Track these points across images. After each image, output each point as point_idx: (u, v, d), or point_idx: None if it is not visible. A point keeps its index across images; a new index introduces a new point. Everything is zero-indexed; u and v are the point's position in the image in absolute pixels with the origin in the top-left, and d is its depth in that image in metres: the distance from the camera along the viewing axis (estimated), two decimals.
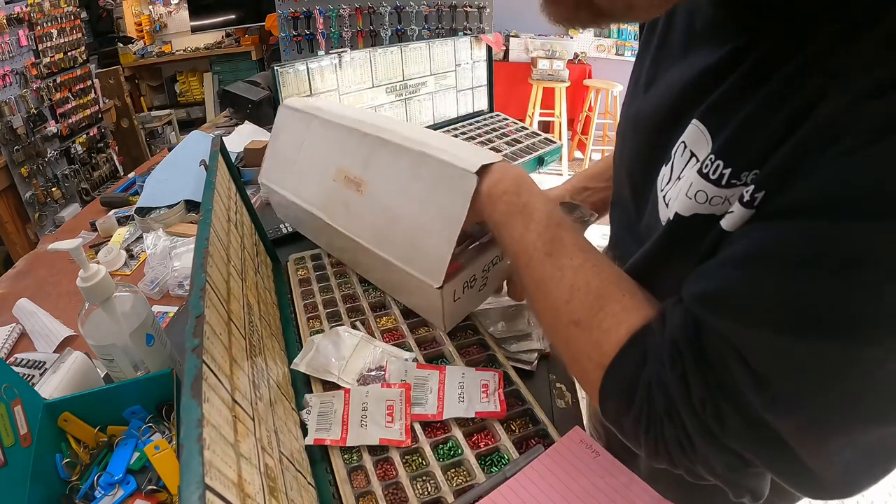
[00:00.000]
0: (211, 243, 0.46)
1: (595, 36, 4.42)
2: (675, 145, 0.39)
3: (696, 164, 0.36)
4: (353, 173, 0.69)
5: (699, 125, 0.36)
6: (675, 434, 0.35)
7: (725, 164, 0.32)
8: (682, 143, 0.38)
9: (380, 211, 0.66)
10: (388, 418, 0.55)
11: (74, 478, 0.51)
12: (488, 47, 1.60)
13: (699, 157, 0.36)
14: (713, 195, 0.34)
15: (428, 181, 0.60)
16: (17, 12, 2.50)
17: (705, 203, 0.34)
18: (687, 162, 0.37)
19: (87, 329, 0.56)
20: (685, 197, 0.35)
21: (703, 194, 0.34)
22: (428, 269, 0.59)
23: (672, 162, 0.40)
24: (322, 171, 0.74)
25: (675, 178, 0.39)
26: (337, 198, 0.71)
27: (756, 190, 0.30)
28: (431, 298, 0.61)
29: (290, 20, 2.35)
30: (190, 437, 0.28)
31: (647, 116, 0.44)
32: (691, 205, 0.35)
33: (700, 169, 0.34)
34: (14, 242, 2.52)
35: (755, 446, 0.32)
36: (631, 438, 0.39)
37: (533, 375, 0.65)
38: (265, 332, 0.59)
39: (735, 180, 0.32)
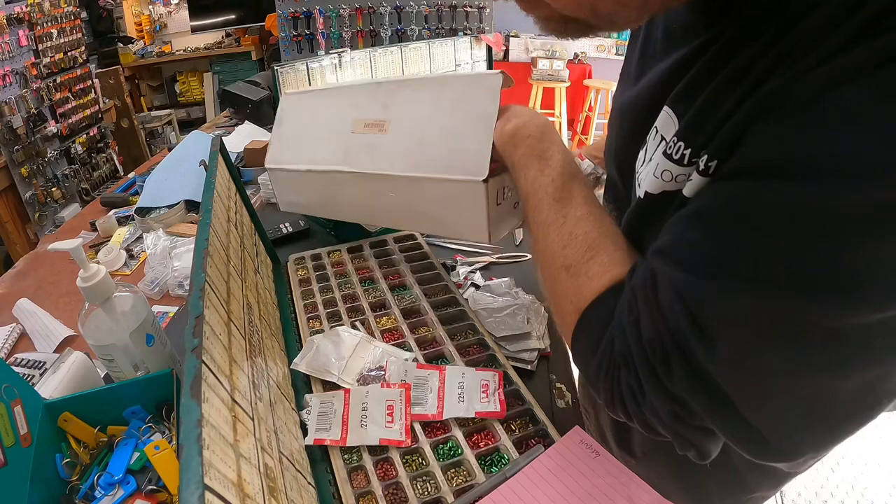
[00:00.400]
0: (211, 243, 0.46)
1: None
2: (649, 131, 0.43)
3: (663, 143, 0.39)
4: (373, 118, 0.70)
5: (668, 110, 0.39)
6: (629, 380, 0.37)
7: (686, 144, 0.36)
8: (655, 127, 0.41)
9: (409, 137, 0.66)
10: (388, 418, 0.55)
11: (74, 478, 0.51)
12: (488, 47, 1.60)
13: (666, 137, 0.39)
14: (678, 174, 0.37)
15: (454, 95, 0.62)
16: (17, 12, 2.50)
17: (671, 181, 0.38)
18: (658, 144, 0.40)
19: (87, 329, 0.56)
20: (653, 177, 0.39)
21: (669, 173, 0.38)
22: (469, 167, 0.59)
23: (647, 146, 0.43)
24: (338, 129, 0.75)
25: (648, 160, 0.42)
26: (359, 145, 0.71)
27: (709, 160, 0.34)
28: (475, 202, 0.60)
29: (290, 20, 2.35)
30: (190, 437, 0.28)
31: (631, 106, 0.48)
32: (658, 184, 0.39)
33: (665, 150, 0.38)
34: (14, 242, 2.52)
35: (699, 396, 0.34)
36: (593, 383, 0.41)
37: (533, 375, 0.65)
38: (265, 333, 0.59)
39: (695, 158, 0.35)
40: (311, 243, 0.88)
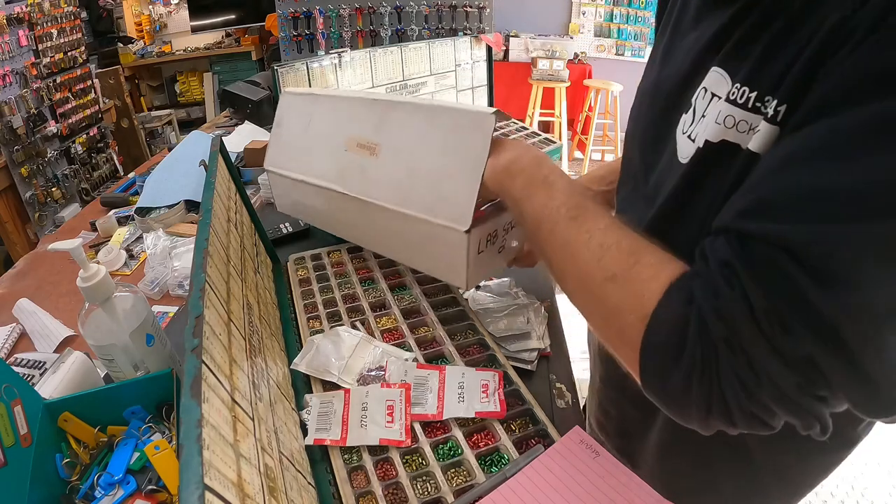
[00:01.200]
0: (211, 243, 0.46)
1: (595, 36, 4.42)
2: (694, 94, 0.43)
3: (719, 100, 0.39)
4: (366, 139, 0.70)
5: (719, 70, 0.39)
6: (736, 368, 0.33)
7: (751, 89, 0.36)
8: (703, 88, 0.41)
9: (398, 168, 0.66)
10: (388, 418, 0.55)
11: (74, 478, 0.51)
12: (488, 47, 1.60)
13: (720, 95, 0.39)
14: (740, 119, 0.36)
15: (445, 130, 0.61)
16: (17, 12, 2.50)
17: (733, 128, 0.37)
18: (709, 102, 0.40)
19: (87, 329, 0.56)
20: (714, 123, 0.38)
21: (731, 119, 0.36)
22: (453, 215, 0.59)
23: (693, 108, 0.42)
24: (333, 143, 0.74)
25: (700, 118, 0.41)
26: (351, 166, 0.71)
27: (778, 104, 0.33)
28: (455, 249, 0.61)
29: (290, 20, 2.35)
30: (190, 437, 0.28)
31: (666, 80, 0.47)
32: (720, 130, 0.37)
33: (727, 97, 0.37)
34: (14, 242, 2.52)
35: (825, 355, 0.31)
36: (678, 397, 0.36)
37: (533, 375, 0.65)
38: (265, 333, 0.59)
39: (759, 103, 0.35)
40: (311, 243, 0.88)
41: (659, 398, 0.38)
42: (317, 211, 0.83)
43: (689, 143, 0.42)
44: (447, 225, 0.59)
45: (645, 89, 0.53)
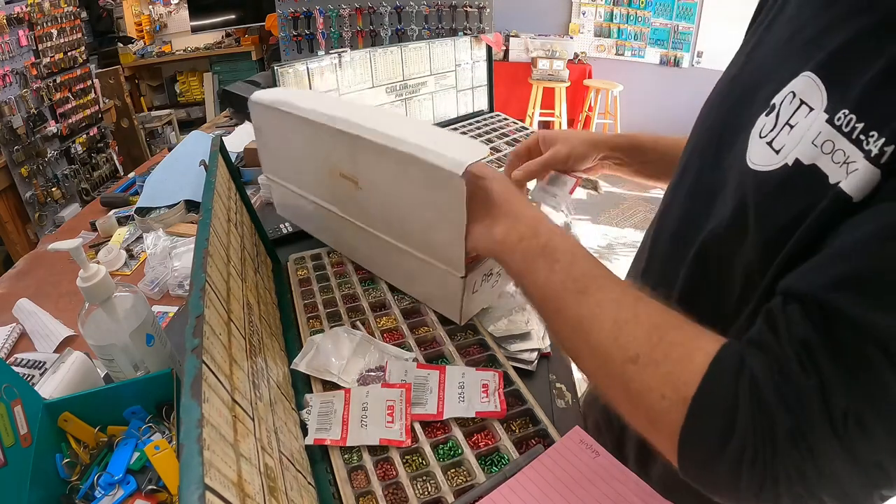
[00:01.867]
0: (211, 243, 0.46)
1: (595, 36, 4.42)
2: (775, 96, 0.38)
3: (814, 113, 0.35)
4: (345, 170, 0.67)
5: (812, 76, 0.35)
6: (797, 462, 0.29)
7: (859, 118, 0.31)
8: (791, 92, 0.36)
9: (384, 206, 0.66)
10: (388, 418, 0.55)
11: (74, 478, 0.51)
12: (488, 47, 1.60)
13: (812, 105, 0.35)
14: (839, 147, 0.32)
15: (418, 182, 0.58)
16: (17, 12, 2.50)
17: (829, 154, 0.32)
18: (796, 110, 0.36)
19: (87, 329, 0.56)
20: (811, 144, 0.33)
21: (831, 144, 0.32)
22: (447, 260, 0.60)
23: (777, 112, 0.37)
24: (315, 166, 0.72)
25: (785, 125, 0.36)
26: (341, 191, 0.70)
27: (885, 143, 0.28)
28: (451, 289, 0.62)
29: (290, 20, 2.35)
30: (190, 437, 0.28)
31: (746, 75, 0.44)
32: (815, 153, 0.33)
33: (834, 121, 0.33)
34: (14, 242, 2.53)
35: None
36: (723, 485, 0.33)
37: (533, 375, 0.65)
38: (265, 332, 0.59)
39: (863, 136, 0.30)
40: (311, 243, 0.88)
41: (700, 484, 0.34)
42: (314, 222, 0.84)
43: (770, 152, 0.37)
44: (444, 268, 0.61)
45: (722, 84, 0.48)
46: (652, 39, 4.32)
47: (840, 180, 0.31)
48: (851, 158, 0.30)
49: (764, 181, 0.36)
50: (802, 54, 0.37)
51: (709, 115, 0.48)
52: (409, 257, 0.65)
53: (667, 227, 0.52)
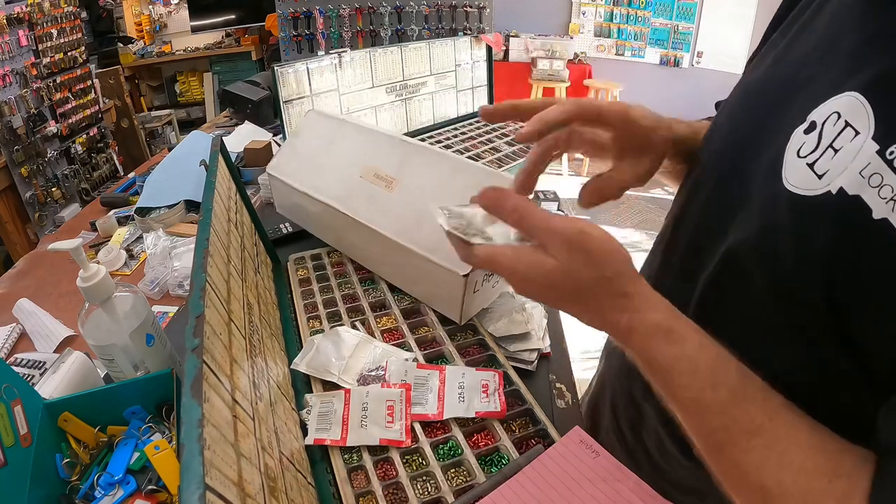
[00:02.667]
0: (211, 243, 0.46)
1: (595, 36, 4.42)
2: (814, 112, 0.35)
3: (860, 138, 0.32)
4: (385, 172, 0.73)
5: (859, 97, 0.33)
6: None
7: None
8: (836, 112, 0.34)
9: (409, 206, 0.69)
10: (388, 418, 0.55)
11: (74, 478, 0.51)
12: (488, 47, 1.60)
13: (859, 129, 0.32)
14: (887, 183, 0.30)
15: (464, 184, 0.65)
16: (17, 12, 2.50)
17: (876, 188, 0.31)
18: (840, 131, 0.33)
19: (87, 329, 0.56)
20: (858, 175, 0.31)
21: (879, 177, 0.31)
22: (454, 259, 0.58)
23: (819, 132, 0.35)
24: (349, 168, 0.78)
25: (828, 148, 0.34)
26: (361, 192, 0.74)
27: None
28: (452, 288, 0.63)
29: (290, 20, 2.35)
30: (190, 437, 0.28)
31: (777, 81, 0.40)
32: (861, 183, 0.31)
33: (883, 152, 0.31)
34: (14, 242, 2.52)
35: None
36: None
37: (533, 375, 0.65)
38: (265, 332, 0.59)
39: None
40: (311, 243, 0.88)
41: None
42: (316, 221, 0.85)
43: (812, 175, 0.34)
44: (447, 267, 0.62)
45: (749, 86, 0.44)
46: (652, 39, 4.32)
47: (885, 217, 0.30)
48: None
49: (803, 205, 0.34)
50: (844, 68, 0.34)
51: (732, 120, 0.44)
52: (412, 256, 0.66)
53: (681, 238, 0.48)
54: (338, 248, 0.85)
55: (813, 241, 0.33)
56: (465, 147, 1.39)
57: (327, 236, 0.86)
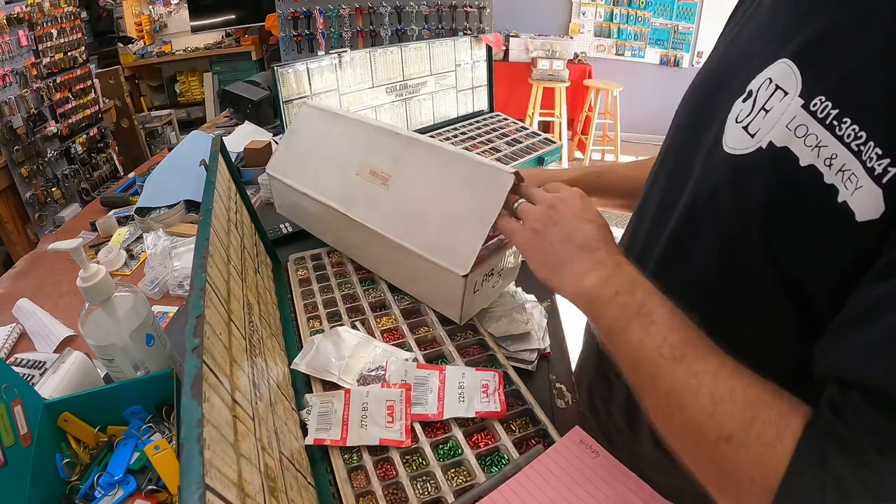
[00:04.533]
0: (211, 243, 0.46)
1: (595, 36, 4.42)
2: (751, 82, 0.39)
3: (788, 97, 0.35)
4: (381, 169, 0.71)
5: (789, 63, 0.36)
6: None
7: (833, 105, 0.32)
8: (768, 78, 0.37)
9: (407, 204, 0.68)
10: (388, 418, 0.55)
11: (74, 478, 0.51)
12: (488, 47, 1.60)
13: (787, 90, 0.36)
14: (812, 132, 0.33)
15: (462, 179, 0.63)
16: (17, 12, 2.50)
17: (801, 138, 0.34)
18: (772, 94, 0.37)
19: (87, 329, 0.56)
20: (785, 128, 0.35)
21: (804, 128, 0.34)
22: (454, 258, 0.61)
23: (753, 97, 0.38)
24: (344, 165, 0.76)
25: (760, 110, 0.37)
26: (358, 191, 0.73)
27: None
28: (452, 288, 0.63)
29: (290, 20, 2.35)
30: (190, 437, 0.28)
31: (724, 64, 0.44)
32: (788, 136, 0.34)
33: (807, 105, 0.34)
34: (14, 242, 2.52)
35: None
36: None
37: (533, 375, 0.65)
38: (265, 332, 0.59)
39: (835, 122, 0.32)
40: (311, 243, 0.88)
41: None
42: (315, 221, 0.85)
43: (746, 135, 0.38)
44: (446, 267, 0.62)
45: (701, 74, 0.49)
46: (652, 39, 4.32)
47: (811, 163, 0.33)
48: (823, 143, 0.32)
49: (738, 164, 0.38)
50: (779, 42, 0.38)
51: (688, 102, 0.49)
52: (412, 256, 0.65)
53: (646, 214, 0.53)
54: (338, 248, 0.85)
55: (749, 194, 0.36)
56: (465, 147, 1.39)
57: (327, 236, 0.86)
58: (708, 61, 0.49)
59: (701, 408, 0.36)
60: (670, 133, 0.52)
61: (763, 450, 0.33)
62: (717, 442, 0.35)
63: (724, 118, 0.41)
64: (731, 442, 0.34)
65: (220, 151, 0.66)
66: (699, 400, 0.36)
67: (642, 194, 0.57)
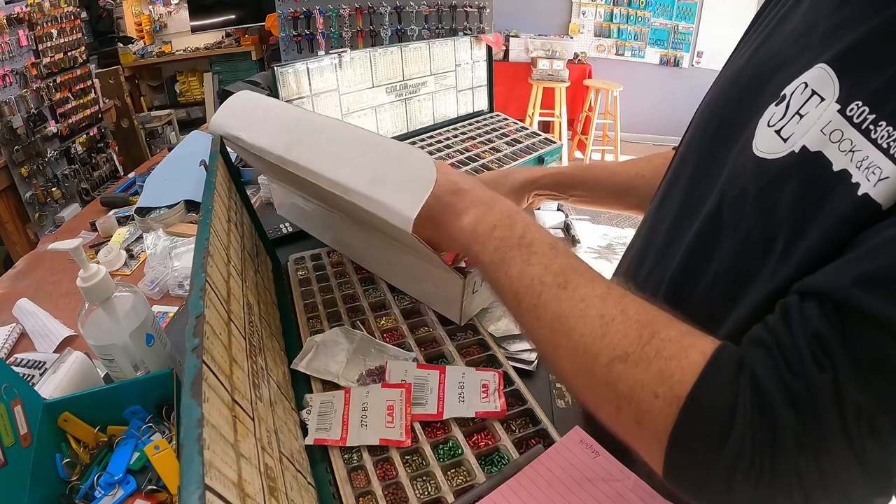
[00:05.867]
0: (211, 243, 0.46)
1: (595, 36, 4.42)
2: (786, 87, 0.37)
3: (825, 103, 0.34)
4: (322, 203, 0.69)
5: (826, 68, 0.35)
6: (799, 467, 0.27)
7: (871, 110, 0.31)
8: (804, 83, 0.36)
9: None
10: (388, 418, 0.55)
11: (74, 478, 0.51)
12: (488, 47, 1.60)
13: (824, 96, 0.34)
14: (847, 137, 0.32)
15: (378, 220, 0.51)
16: (17, 12, 2.50)
17: (836, 143, 0.32)
18: (808, 99, 0.35)
19: (87, 329, 0.56)
20: (819, 133, 0.33)
21: (839, 133, 0.32)
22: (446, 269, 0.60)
23: (787, 101, 0.37)
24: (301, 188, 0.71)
25: (794, 114, 0.36)
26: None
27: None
28: (451, 289, 0.62)
29: (290, 20, 2.35)
30: (190, 437, 0.28)
31: (756, 64, 0.43)
32: (822, 141, 0.33)
33: (843, 110, 0.32)
34: (14, 242, 2.52)
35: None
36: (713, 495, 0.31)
37: (533, 375, 0.65)
38: (265, 332, 0.59)
39: (872, 126, 0.30)
40: (311, 243, 0.88)
41: (688, 491, 0.32)
42: (315, 222, 0.85)
43: (778, 140, 0.36)
44: (444, 270, 0.61)
45: (727, 74, 0.46)
46: (652, 39, 4.32)
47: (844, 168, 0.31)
48: (857, 147, 0.30)
49: (767, 168, 0.36)
50: (816, 48, 0.36)
51: (710, 105, 0.47)
52: (410, 257, 0.65)
53: (664, 217, 0.51)
54: (337, 248, 0.85)
55: (778, 199, 0.34)
56: (465, 147, 1.39)
57: (326, 236, 0.86)
58: (731, 63, 0.47)
59: (590, 330, 0.35)
60: (690, 134, 0.50)
61: (665, 363, 0.32)
62: (610, 363, 0.33)
63: (755, 122, 0.39)
64: (626, 361, 0.33)
65: (220, 151, 0.66)
66: (587, 323, 0.35)
67: (657, 199, 0.54)
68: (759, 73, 0.41)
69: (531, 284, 0.39)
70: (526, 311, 0.39)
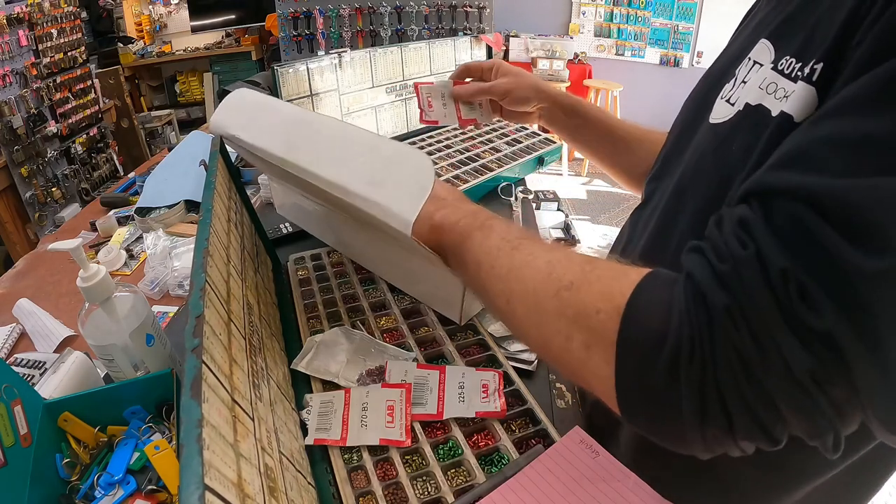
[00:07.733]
0: (211, 243, 0.46)
1: (595, 36, 4.42)
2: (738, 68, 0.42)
3: (763, 67, 0.38)
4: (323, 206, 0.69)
5: (765, 42, 0.39)
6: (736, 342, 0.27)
7: (797, 59, 0.35)
8: (749, 58, 0.41)
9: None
10: (388, 418, 0.55)
11: (74, 478, 0.51)
12: (488, 47, 1.60)
13: (762, 62, 0.39)
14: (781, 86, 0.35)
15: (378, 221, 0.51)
16: (17, 12, 2.50)
17: (772, 94, 0.36)
18: (750, 69, 0.40)
19: (87, 329, 0.56)
20: (757, 88, 0.38)
21: (774, 85, 0.36)
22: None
23: (735, 78, 0.42)
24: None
25: (740, 83, 0.41)
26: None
27: (815, 62, 0.32)
28: (451, 289, 0.62)
29: (290, 20, 2.35)
30: (190, 437, 0.28)
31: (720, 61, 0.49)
32: (760, 94, 0.37)
33: (774, 66, 0.37)
34: (14, 242, 2.52)
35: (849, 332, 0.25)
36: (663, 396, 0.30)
37: (533, 375, 0.65)
38: (265, 332, 0.59)
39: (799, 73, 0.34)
40: (311, 243, 0.88)
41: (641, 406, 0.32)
42: (315, 222, 0.84)
43: (727, 105, 0.41)
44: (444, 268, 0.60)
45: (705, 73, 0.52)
46: (652, 39, 4.32)
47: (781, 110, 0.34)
48: (789, 91, 0.34)
49: (720, 130, 0.41)
50: (762, 30, 0.41)
51: (688, 100, 0.52)
52: (410, 257, 0.65)
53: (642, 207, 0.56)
54: (337, 248, 0.85)
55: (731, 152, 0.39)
56: (465, 147, 1.39)
57: (326, 236, 0.86)
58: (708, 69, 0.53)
59: (537, 272, 0.38)
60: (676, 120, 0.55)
61: (607, 283, 0.34)
62: (557, 293, 0.36)
63: (714, 103, 0.44)
64: (571, 288, 0.35)
65: (220, 151, 0.66)
66: (535, 268, 0.38)
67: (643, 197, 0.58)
68: (725, 65, 0.47)
69: (488, 251, 0.43)
70: (485, 276, 0.43)
